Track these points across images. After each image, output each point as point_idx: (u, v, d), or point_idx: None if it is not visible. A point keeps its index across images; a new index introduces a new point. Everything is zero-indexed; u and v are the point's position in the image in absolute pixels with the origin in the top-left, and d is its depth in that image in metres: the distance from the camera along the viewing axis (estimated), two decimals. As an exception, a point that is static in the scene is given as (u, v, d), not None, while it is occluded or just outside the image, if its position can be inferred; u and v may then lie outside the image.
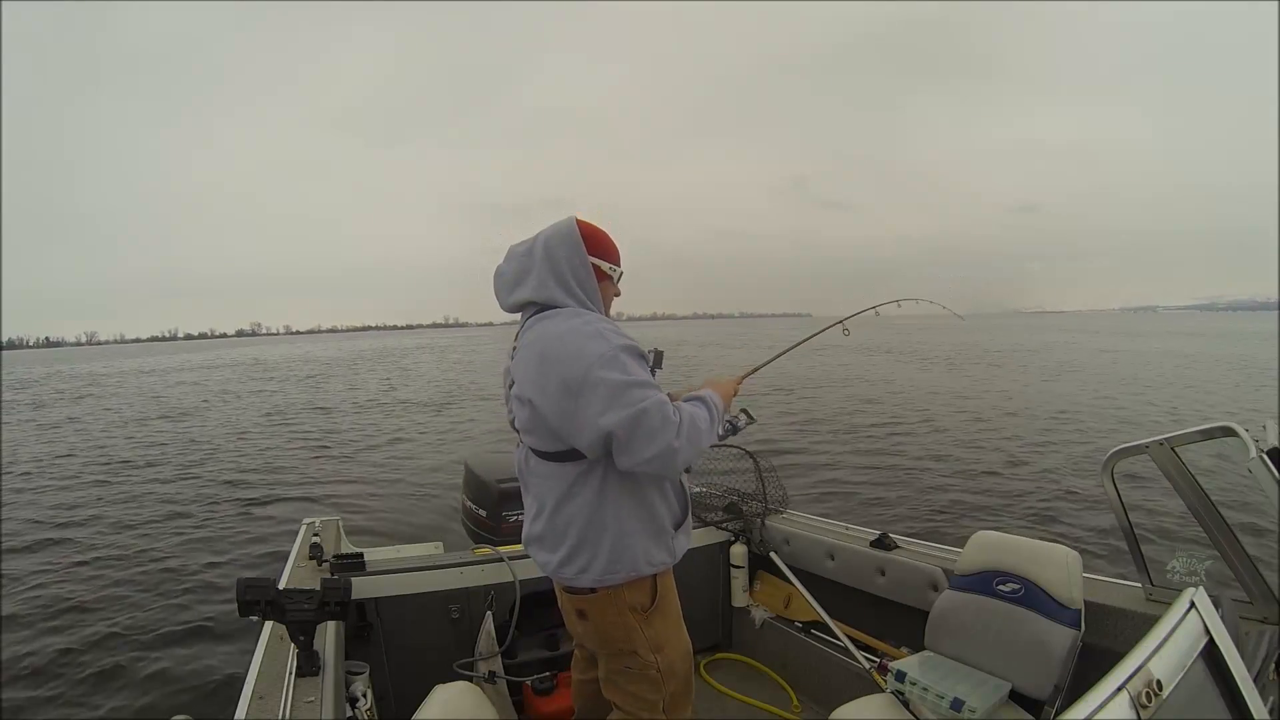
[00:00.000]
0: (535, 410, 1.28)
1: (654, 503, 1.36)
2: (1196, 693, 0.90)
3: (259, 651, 1.53)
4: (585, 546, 1.31)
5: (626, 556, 1.31)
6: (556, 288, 1.34)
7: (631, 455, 1.19)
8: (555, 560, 1.35)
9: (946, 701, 1.56)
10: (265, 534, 5.89)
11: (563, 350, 1.23)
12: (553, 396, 1.23)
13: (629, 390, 1.18)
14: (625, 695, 1.44)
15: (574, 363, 1.21)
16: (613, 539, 1.30)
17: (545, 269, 1.35)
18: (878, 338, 40.89)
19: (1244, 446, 1.35)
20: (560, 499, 1.32)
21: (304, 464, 9.18)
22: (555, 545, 1.35)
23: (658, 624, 1.40)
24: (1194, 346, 31.57)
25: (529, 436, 1.35)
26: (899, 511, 6.08)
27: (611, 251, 1.43)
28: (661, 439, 1.18)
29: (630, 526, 1.32)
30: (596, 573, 1.32)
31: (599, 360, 1.19)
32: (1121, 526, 1.71)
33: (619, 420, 1.16)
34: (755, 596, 2.71)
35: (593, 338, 1.23)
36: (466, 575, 2.21)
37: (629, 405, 1.16)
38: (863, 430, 10.26)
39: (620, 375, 1.19)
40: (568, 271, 1.34)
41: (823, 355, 25.85)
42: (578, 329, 1.25)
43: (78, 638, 3.93)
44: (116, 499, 7.45)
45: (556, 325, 1.29)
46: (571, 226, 1.36)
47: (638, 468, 1.21)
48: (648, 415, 1.17)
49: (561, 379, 1.21)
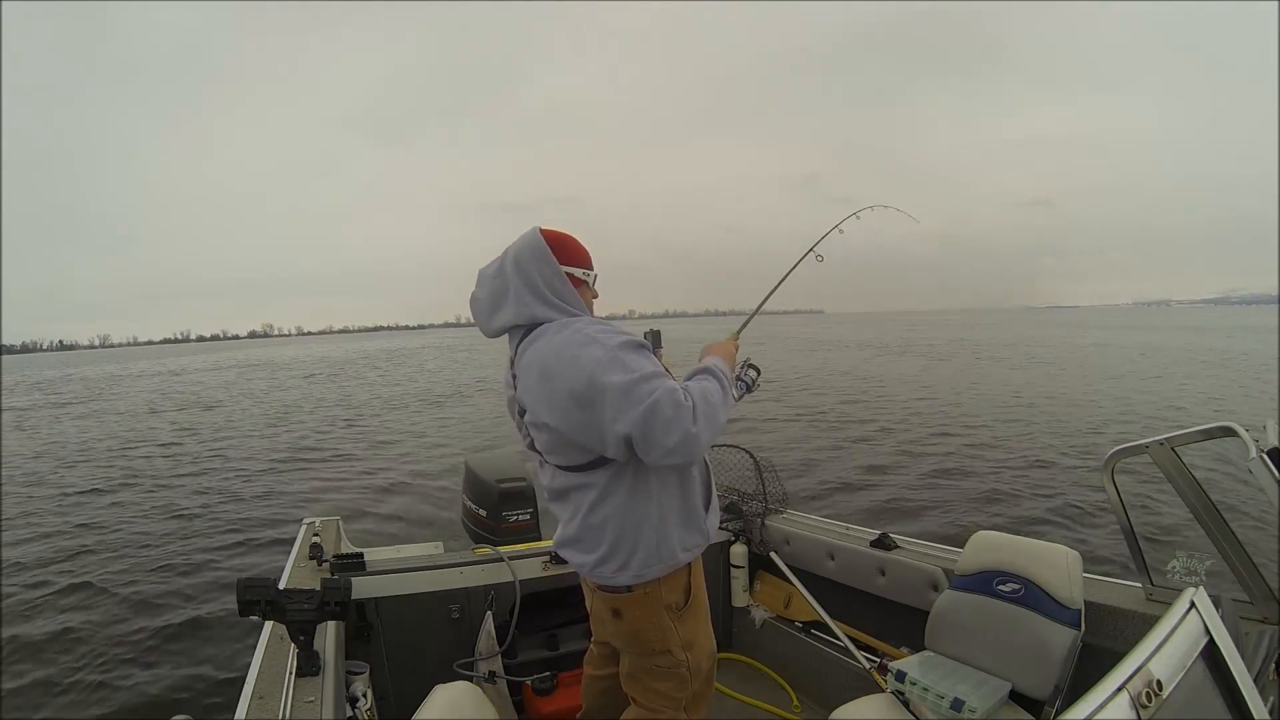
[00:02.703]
0: (554, 431, 1.27)
1: (685, 484, 1.37)
2: (1196, 693, 0.90)
3: (259, 651, 1.53)
4: (624, 543, 1.31)
5: (665, 549, 1.32)
6: (537, 304, 1.32)
7: (654, 451, 1.17)
8: (592, 560, 1.34)
9: (947, 701, 1.56)
10: (265, 534, 5.89)
11: (560, 365, 1.22)
12: (567, 413, 1.22)
13: (635, 388, 1.16)
14: (649, 692, 1.44)
15: (575, 375, 1.19)
16: (650, 531, 1.31)
17: (521, 287, 1.32)
18: (880, 337, 40.87)
19: (1244, 446, 1.35)
20: (596, 501, 1.32)
21: (304, 464, 9.18)
22: (593, 545, 1.34)
23: (691, 622, 1.41)
24: (1206, 341, 31.50)
25: (554, 457, 1.34)
26: (899, 511, 6.08)
27: (582, 257, 1.40)
28: (679, 427, 1.15)
29: (668, 514, 1.32)
30: (636, 569, 1.32)
31: (598, 366, 1.18)
32: (1122, 526, 1.71)
33: (632, 421, 1.15)
34: (755, 596, 2.71)
35: (586, 345, 1.21)
36: (466, 575, 2.21)
37: (638, 403, 1.15)
38: (863, 430, 10.25)
39: (623, 376, 1.17)
40: (543, 285, 1.32)
41: (824, 354, 25.87)
42: (569, 340, 1.24)
43: (77, 637, 3.93)
44: (116, 499, 7.45)
45: (549, 342, 1.27)
46: (537, 238, 1.33)
47: (663, 460, 1.20)
48: (660, 407, 1.15)
49: (569, 393, 1.20)
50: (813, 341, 37.37)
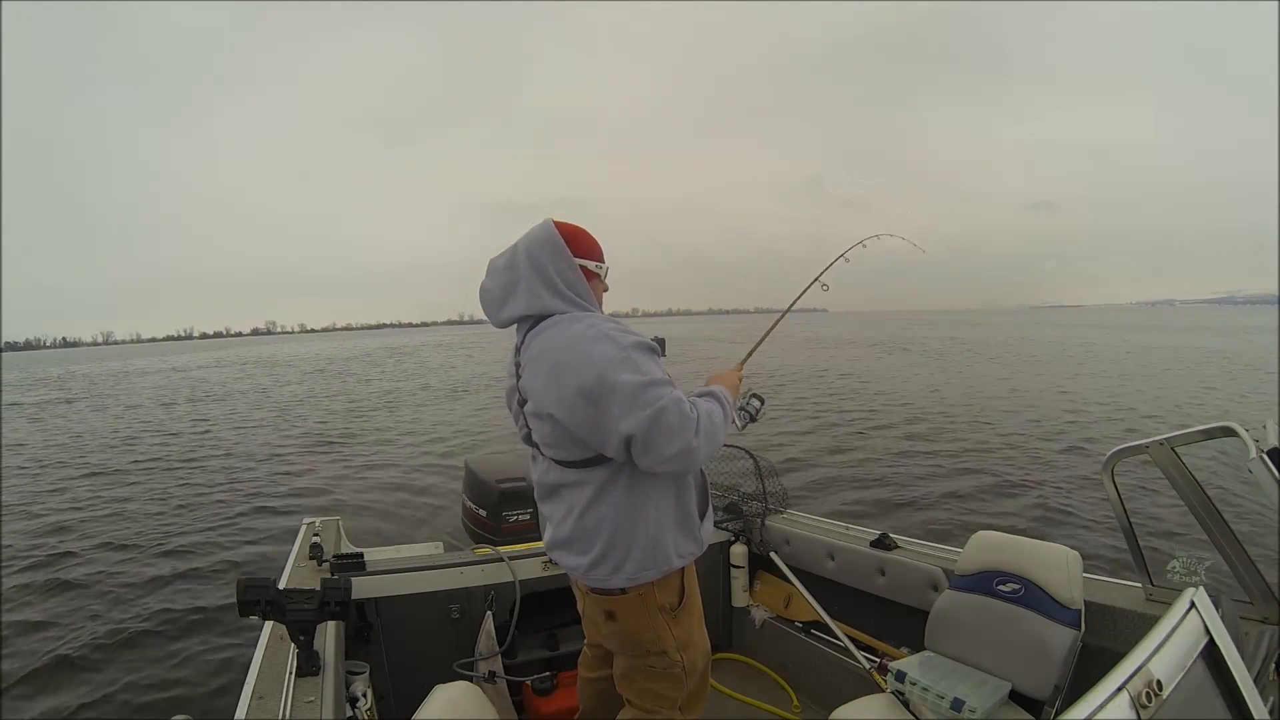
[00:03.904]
0: (558, 424, 1.26)
1: (681, 491, 1.36)
2: (1196, 693, 0.90)
3: (259, 651, 1.53)
4: (618, 545, 1.30)
5: (660, 552, 1.31)
6: (549, 296, 1.31)
7: (651, 456, 1.18)
8: (585, 563, 1.32)
9: (947, 701, 1.56)
10: (265, 534, 5.89)
11: (572, 358, 1.21)
12: (573, 407, 1.21)
13: (645, 391, 1.16)
14: (644, 692, 1.43)
15: (586, 370, 1.19)
16: (645, 535, 1.30)
17: (533, 278, 1.31)
18: (887, 335, 40.88)
19: (1244, 446, 1.35)
20: (590, 502, 1.30)
21: (304, 464, 9.17)
22: (585, 548, 1.32)
23: (685, 622, 1.41)
24: (1201, 341, 31.53)
25: (553, 450, 1.33)
26: (899, 511, 6.08)
27: (595, 249, 1.39)
28: (681, 438, 1.17)
29: (663, 520, 1.32)
30: (630, 571, 1.30)
31: (611, 364, 1.18)
32: (1121, 526, 1.71)
33: (638, 422, 1.15)
34: (755, 596, 2.71)
35: (599, 340, 1.21)
36: (466, 575, 2.21)
37: (646, 406, 1.15)
38: (863, 429, 10.25)
39: (635, 376, 1.17)
40: (556, 277, 1.31)
41: (826, 352, 25.87)
42: (582, 334, 1.23)
43: (77, 637, 3.93)
44: (115, 499, 7.45)
45: (561, 334, 1.26)
46: (551, 230, 1.32)
47: (658, 467, 1.20)
48: (666, 414, 1.15)
49: (577, 388, 1.19)
50: (814, 341, 37.41)
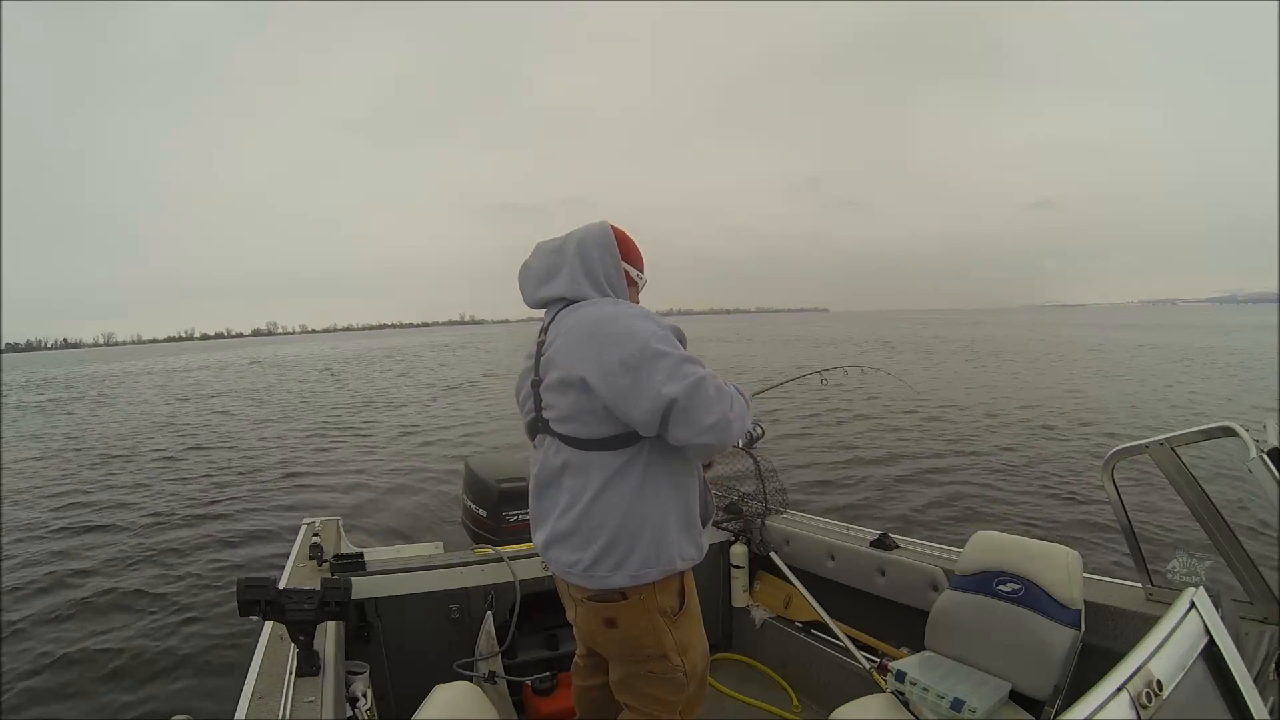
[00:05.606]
0: (588, 390, 1.24)
1: (689, 493, 1.37)
2: (1196, 693, 0.90)
3: (259, 651, 1.53)
4: (623, 539, 1.27)
5: (664, 552, 1.30)
6: (589, 286, 1.36)
7: (691, 425, 1.20)
8: (586, 558, 1.29)
9: (947, 701, 1.56)
10: (265, 534, 5.90)
11: (615, 329, 1.24)
12: (611, 373, 1.22)
13: (685, 363, 1.22)
14: (644, 697, 1.42)
15: (630, 341, 1.22)
16: (652, 531, 1.29)
17: (578, 267, 1.36)
18: (884, 334, 40.88)
19: (1244, 446, 1.35)
20: (599, 489, 1.28)
21: (304, 464, 9.17)
22: (586, 542, 1.29)
23: (685, 626, 1.41)
24: (1205, 340, 31.53)
25: (569, 424, 1.30)
26: (899, 511, 6.08)
27: (640, 260, 1.46)
28: (719, 408, 1.22)
29: (669, 518, 1.31)
30: (633, 569, 1.28)
31: (654, 336, 1.23)
32: (1122, 526, 1.71)
33: (681, 389, 1.19)
34: (755, 596, 2.71)
35: (641, 318, 1.26)
36: (466, 575, 2.21)
37: (687, 376, 1.20)
38: (863, 429, 10.26)
39: (676, 350, 1.23)
40: (600, 272, 1.37)
41: (827, 351, 25.87)
42: (625, 311, 1.28)
43: (77, 637, 3.93)
44: (115, 499, 7.45)
45: (600, 309, 1.30)
46: (606, 230, 1.39)
47: (695, 438, 1.22)
48: (705, 384, 1.21)
49: (619, 358, 1.21)
50: (815, 340, 37.41)
